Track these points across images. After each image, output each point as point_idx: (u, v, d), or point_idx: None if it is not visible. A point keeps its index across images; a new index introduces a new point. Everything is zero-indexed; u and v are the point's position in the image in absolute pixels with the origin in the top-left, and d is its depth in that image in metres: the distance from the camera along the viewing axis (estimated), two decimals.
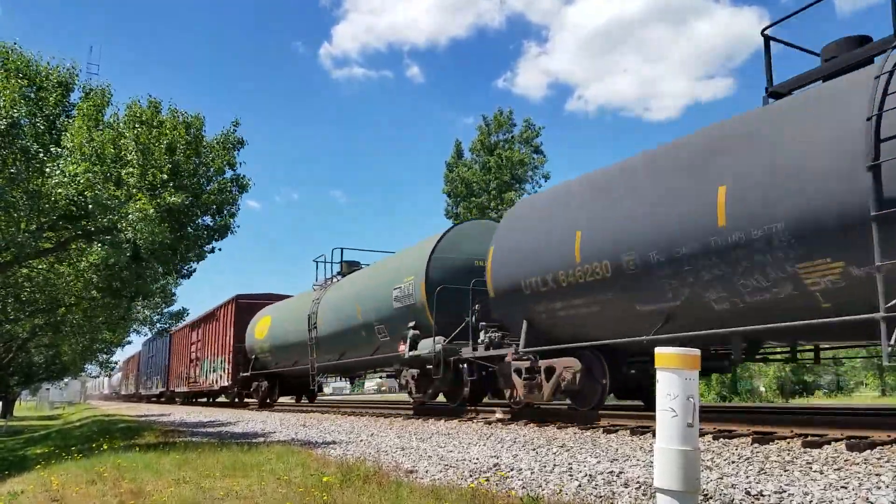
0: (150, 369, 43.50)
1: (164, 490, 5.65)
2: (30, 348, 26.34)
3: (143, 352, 47.64)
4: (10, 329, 19.90)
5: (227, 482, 5.89)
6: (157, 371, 39.92)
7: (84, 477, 6.97)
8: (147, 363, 45.36)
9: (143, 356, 47.23)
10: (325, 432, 10.80)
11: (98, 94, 11.49)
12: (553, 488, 4.78)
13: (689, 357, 3.55)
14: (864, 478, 4.39)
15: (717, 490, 4.20)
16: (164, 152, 10.98)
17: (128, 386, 57.69)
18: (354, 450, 7.84)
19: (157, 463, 7.50)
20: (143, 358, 47.93)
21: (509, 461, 6.01)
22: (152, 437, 12.51)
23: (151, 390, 41.61)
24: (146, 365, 45.74)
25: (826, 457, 5.28)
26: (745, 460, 5.40)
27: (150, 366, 43.31)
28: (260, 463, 6.86)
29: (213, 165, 11.92)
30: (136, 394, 50.32)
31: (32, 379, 41.59)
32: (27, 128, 10.32)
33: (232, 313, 24.95)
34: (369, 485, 5.17)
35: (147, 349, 44.91)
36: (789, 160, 6.39)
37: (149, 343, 43.25)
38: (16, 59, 10.93)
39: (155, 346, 40.85)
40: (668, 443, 3.49)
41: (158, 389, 38.92)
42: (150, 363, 43.75)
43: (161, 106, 11.70)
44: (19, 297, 15.75)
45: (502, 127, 33.16)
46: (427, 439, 8.55)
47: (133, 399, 52.51)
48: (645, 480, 4.59)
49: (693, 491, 3.51)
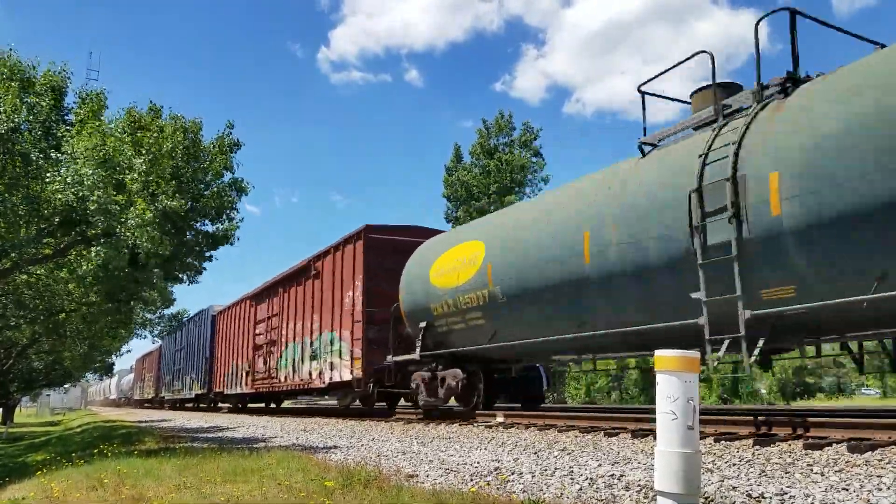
0: (177, 366, 34.31)
1: (165, 496, 5.65)
2: (30, 354, 26.25)
3: (164, 346, 39.25)
4: (11, 335, 19.91)
5: (227, 487, 5.88)
6: (191, 367, 30.62)
7: (85, 483, 6.96)
8: (172, 359, 36.27)
9: (166, 350, 38.61)
10: (326, 437, 10.78)
11: (94, 98, 11.49)
12: (554, 492, 4.78)
13: (689, 359, 3.55)
14: (866, 479, 4.38)
15: (717, 492, 4.19)
16: (166, 158, 10.99)
17: (143, 389, 48.71)
18: (355, 454, 7.83)
19: (158, 469, 7.49)
20: (164, 353, 39.03)
21: (510, 465, 6.00)
22: (153, 443, 12.49)
23: (181, 393, 32.72)
24: (171, 361, 36.49)
25: (827, 459, 5.27)
26: (746, 462, 5.40)
27: (178, 361, 34.18)
28: (261, 468, 6.85)
29: (210, 169, 11.92)
30: (156, 398, 41.56)
31: (33, 385, 41.37)
32: (26, 133, 10.34)
33: (357, 259, 14.58)
34: (370, 489, 5.16)
35: (172, 341, 36.68)
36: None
37: (175, 333, 36.11)
38: (11, 65, 10.94)
39: (185, 336, 32.65)
40: (669, 445, 3.49)
41: (194, 391, 29.74)
42: (176, 358, 34.68)
43: (161, 112, 11.73)
44: (20, 302, 15.76)
45: (502, 131, 33.21)
46: (428, 443, 8.55)
47: (151, 405, 44.59)
48: (646, 483, 4.58)
49: (694, 494, 3.50)
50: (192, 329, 31.13)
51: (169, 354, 37.35)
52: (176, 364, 34.63)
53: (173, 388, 34.81)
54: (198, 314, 30.76)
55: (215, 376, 26.64)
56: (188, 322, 32.89)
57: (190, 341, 31.31)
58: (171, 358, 36.20)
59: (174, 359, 35.36)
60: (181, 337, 33.73)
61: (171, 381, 35.69)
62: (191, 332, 31.24)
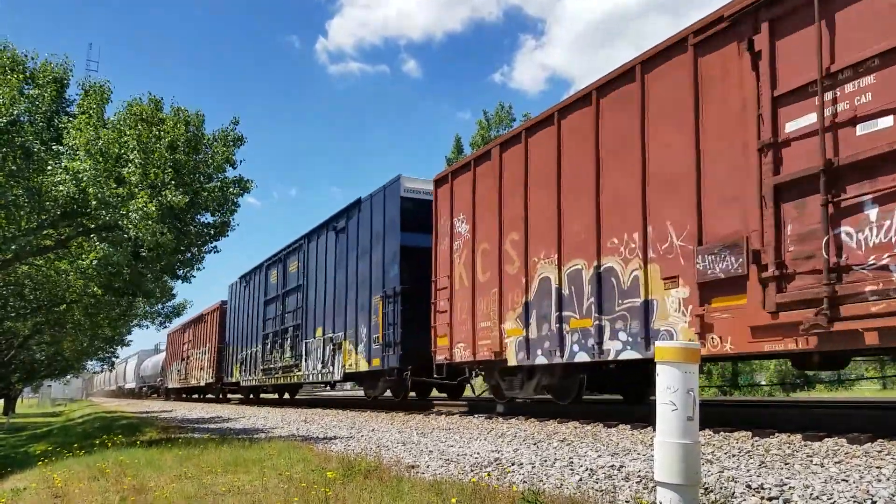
0: (282, 323, 19.89)
1: (166, 486, 5.67)
2: (31, 345, 26.27)
3: (234, 297, 25.17)
4: (12, 326, 19.94)
5: (228, 478, 5.91)
6: (324, 316, 16.86)
7: (86, 473, 6.99)
8: (255, 315, 22.23)
9: (239, 303, 24.29)
10: (326, 428, 10.81)
11: (98, 91, 11.48)
12: (554, 482, 4.79)
13: (690, 351, 3.56)
14: (865, 470, 4.40)
15: (717, 483, 4.21)
16: (165, 150, 10.97)
17: (183, 373, 32.84)
18: (356, 445, 7.86)
19: (159, 459, 7.52)
20: (235, 312, 24.79)
21: (510, 456, 6.02)
22: (154, 434, 12.54)
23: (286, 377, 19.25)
24: (251, 324, 22.59)
25: (827, 450, 5.29)
26: (746, 454, 5.41)
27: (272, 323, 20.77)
28: (261, 458, 6.87)
29: (213, 163, 11.90)
30: (214, 384, 27.05)
31: (34, 376, 41.35)
32: (27, 125, 10.32)
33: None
34: (371, 480, 5.18)
35: (256, 285, 22.43)
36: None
37: (261, 271, 21.89)
38: (11, 57, 10.92)
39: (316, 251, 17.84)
40: (669, 436, 3.50)
41: (336, 373, 15.82)
42: (277, 314, 20.39)
43: (162, 104, 11.69)
44: (21, 293, 15.78)
45: (502, 122, 33.16)
46: (428, 434, 8.57)
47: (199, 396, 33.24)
48: (646, 474, 4.60)
49: (693, 484, 3.51)
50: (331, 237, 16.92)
51: (245, 312, 23.44)
52: (266, 327, 21.07)
53: (250, 372, 21.88)
54: (353, 205, 16.02)
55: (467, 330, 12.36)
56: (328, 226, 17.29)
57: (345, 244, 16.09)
58: (249, 317, 22.70)
59: (262, 313, 21.43)
60: (305, 258, 18.57)
61: (247, 362, 22.41)
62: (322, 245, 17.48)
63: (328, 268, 17.17)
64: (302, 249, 19.16)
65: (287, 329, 19.68)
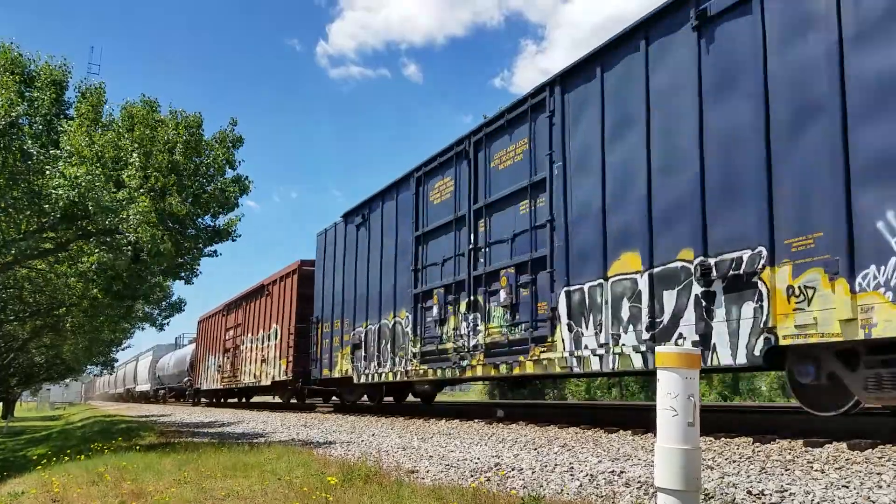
0: (431, 289, 11.56)
1: (165, 490, 5.66)
2: (30, 349, 26.23)
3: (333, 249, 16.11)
4: (11, 329, 19.92)
5: (228, 482, 5.89)
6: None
7: (85, 477, 6.97)
8: (394, 267, 12.94)
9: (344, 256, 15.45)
10: (326, 432, 10.79)
11: (94, 93, 11.47)
12: (554, 488, 4.78)
13: (690, 356, 3.55)
14: (866, 477, 4.39)
15: (718, 489, 4.20)
16: (162, 152, 10.97)
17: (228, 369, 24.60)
18: (356, 450, 7.84)
19: (158, 463, 7.50)
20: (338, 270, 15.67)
21: (510, 461, 6.01)
22: (153, 438, 12.52)
23: (506, 362, 9.49)
24: (381, 281, 13.45)
25: (827, 456, 5.27)
26: (747, 459, 5.40)
27: (451, 268, 11.11)
28: (261, 463, 6.86)
29: (213, 164, 11.91)
30: (291, 383, 18.24)
31: (33, 379, 41.23)
32: (25, 128, 10.32)
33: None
34: (370, 485, 5.17)
35: (379, 218, 13.73)
36: None
37: (412, 182, 12.44)
38: (11, 58, 10.91)
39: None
40: (669, 442, 3.49)
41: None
42: (465, 249, 10.71)
43: (157, 105, 11.70)
44: (20, 297, 15.76)
45: None
46: (428, 439, 8.55)
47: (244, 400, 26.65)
48: (646, 480, 4.58)
49: (694, 490, 3.50)
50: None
51: (379, 254, 13.78)
52: (470, 254, 10.73)
53: (450, 345, 10.94)
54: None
55: None
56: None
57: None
58: (391, 261, 13.23)
59: (414, 257, 12.33)
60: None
61: (403, 329, 12.51)
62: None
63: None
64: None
65: (497, 273, 10.08)
